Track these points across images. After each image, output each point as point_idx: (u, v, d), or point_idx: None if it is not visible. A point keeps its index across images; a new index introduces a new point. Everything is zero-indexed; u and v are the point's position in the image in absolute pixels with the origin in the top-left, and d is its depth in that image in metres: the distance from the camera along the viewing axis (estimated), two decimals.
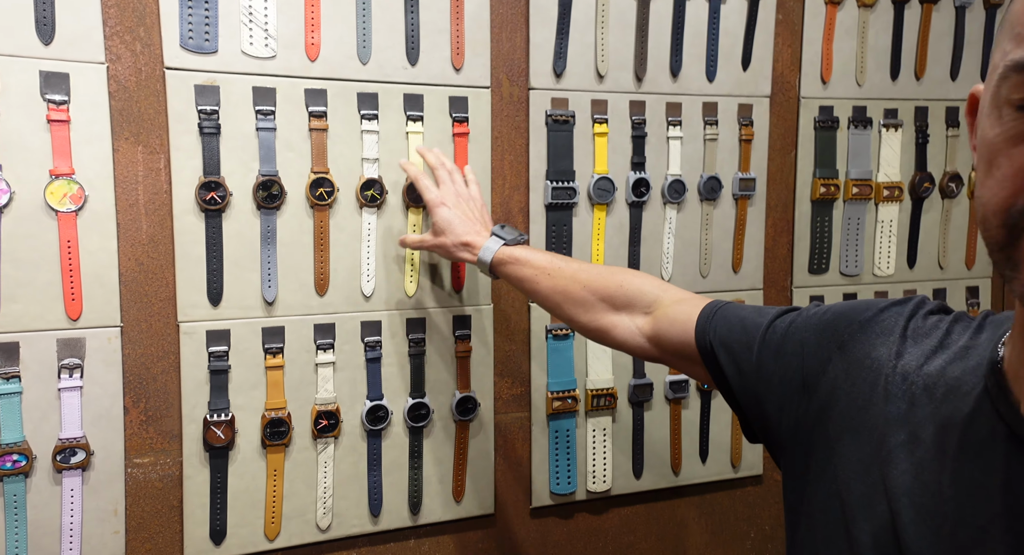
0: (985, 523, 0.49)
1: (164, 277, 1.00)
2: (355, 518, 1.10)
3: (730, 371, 0.73)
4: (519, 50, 1.15)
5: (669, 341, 0.82)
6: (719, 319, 0.77)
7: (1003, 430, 0.49)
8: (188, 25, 0.98)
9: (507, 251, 0.99)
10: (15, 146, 0.91)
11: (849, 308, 0.67)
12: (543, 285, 0.96)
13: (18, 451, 0.91)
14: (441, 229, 1.02)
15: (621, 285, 0.90)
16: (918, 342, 0.59)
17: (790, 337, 0.68)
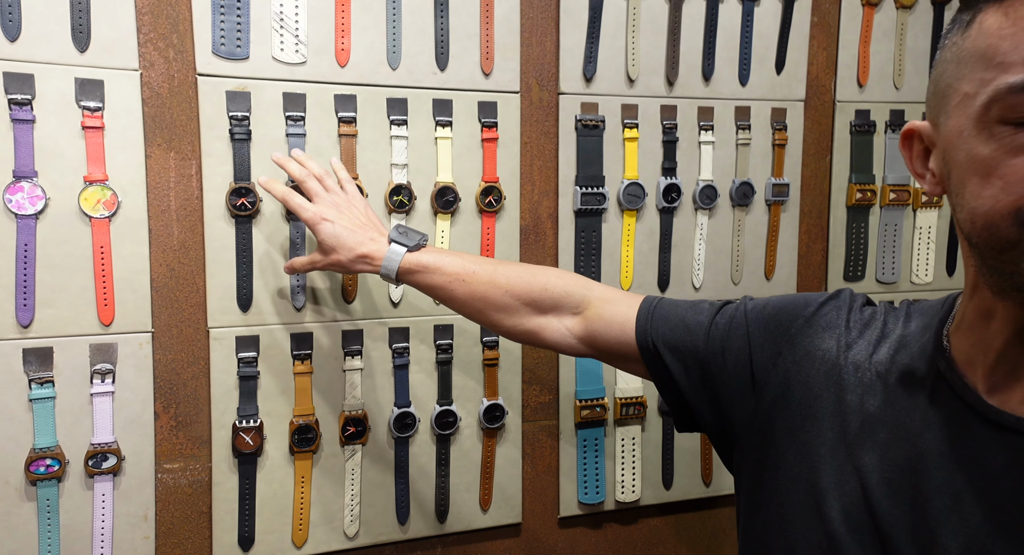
0: (957, 492, 0.54)
1: (195, 283, 1.00)
2: (382, 526, 1.09)
3: (676, 371, 0.76)
4: (549, 55, 1.14)
5: (605, 342, 0.83)
6: (658, 319, 0.79)
7: (962, 408, 0.56)
8: (220, 31, 0.98)
9: (412, 258, 0.91)
10: (50, 153, 0.91)
11: (789, 303, 0.72)
12: (459, 292, 0.90)
13: (51, 456, 0.92)
14: (331, 246, 0.91)
15: (545, 288, 0.88)
16: (863, 333, 0.65)
17: (733, 332, 0.73)
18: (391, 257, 0.90)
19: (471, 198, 1.12)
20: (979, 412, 0.55)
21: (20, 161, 0.90)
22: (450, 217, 1.11)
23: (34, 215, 0.91)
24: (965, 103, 0.52)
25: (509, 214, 1.14)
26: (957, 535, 0.53)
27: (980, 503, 0.53)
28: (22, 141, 0.90)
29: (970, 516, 0.53)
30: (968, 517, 0.53)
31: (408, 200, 1.08)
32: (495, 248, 1.13)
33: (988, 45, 0.50)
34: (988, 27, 0.50)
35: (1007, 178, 0.49)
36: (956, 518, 0.54)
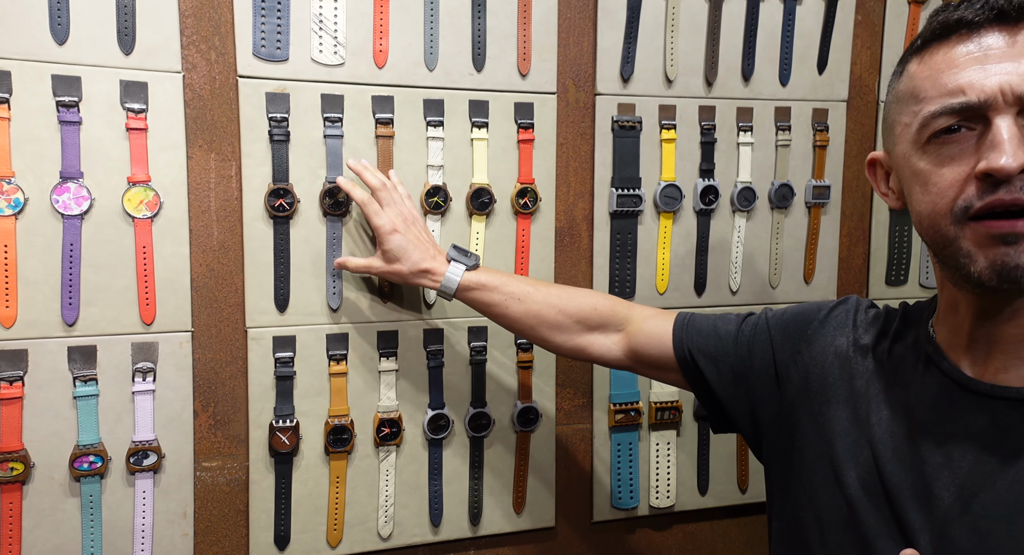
0: (948, 452, 0.65)
1: (233, 283, 1.01)
2: (416, 527, 1.09)
3: (711, 374, 0.86)
4: (586, 55, 1.13)
5: (647, 353, 0.92)
6: (692, 330, 0.89)
7: (948, 383, 0.67)
8: (261, 33, 0.99)
9: (472, 277, 0.98)
10: (96, 154, 0.93)
11: (804, 310, 0.84)
12: (514, 310, 0.97)
13: (94, 452, 0.93)
14: (396, 256, 0.97)
15: (595, 307, 0.97)
16: (868, 330, 0.77)
17: (758, 338, 0.84)
18: (451, 275, 0.97)
19: (506, 199, 1.11)
20: (962, 385, 0.66)
21: (67, 162, 0.91)
22: (485, 218, 1.10)
23: (80, 215, 0.92)
24: (905, 131, 0.66)
25: (544, 216, 1.13)
26: (949, 486, 0.64)
27: (966, 458, 0.64)
28: (69, 142, 0.91)
29: (958, 470, 0.64)
30: (957, 471, 0.64)
31: (444, 201, 1.08)
32: (530, 250, 1.13)
33: (915, 86, 0.65)
34: (913, 72, 0.66)
35: (939, 185, 0.62)
36: (947, 473, 0.64)
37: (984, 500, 0.62)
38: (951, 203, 0.61)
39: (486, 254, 1.11)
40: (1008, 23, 0.61)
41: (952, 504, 0.63)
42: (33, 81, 0.89)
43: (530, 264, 1.13)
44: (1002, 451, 0.62)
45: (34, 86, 0.89)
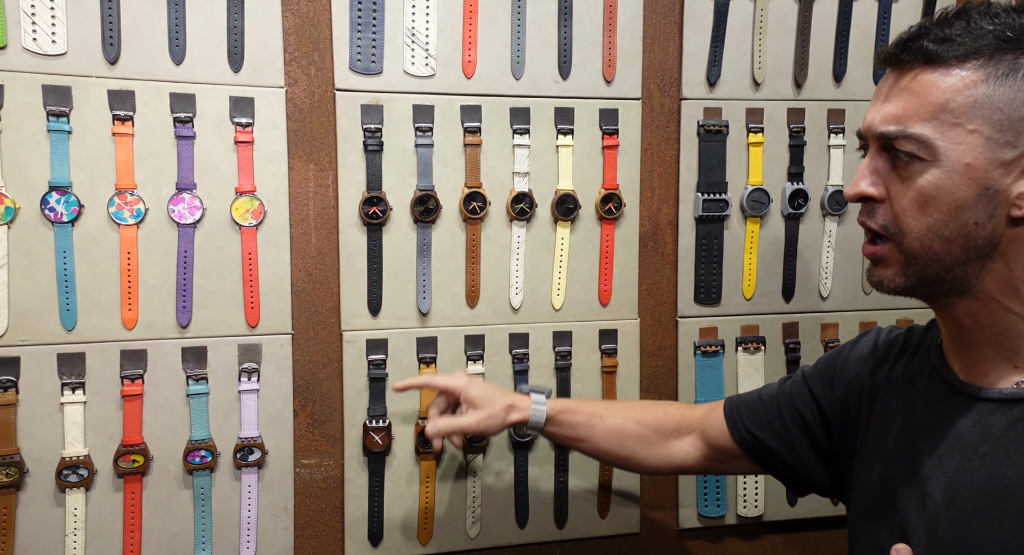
0: (941, 452, 0.68)
1: (330, 288, 1.05)
2: (502, 528, 1.11)
3: (771, 442, 0.88)
4: (671, 60, 1.13)
5: (719, 446, 0.92)
6: (741, 408, 0.92)
7: (946, 387, 0.70)
8: (357, 48, 1.03)
9: (555, 404, 0.97)
10: (208, 166, 0.99)
11: (832, 354, 0.88)
12: (599, 428, 0.96)
13: (205, 447, 0.99)
14: (483, 403, 0.95)
15: (667, 412, 0.98)
16: (889, 352, 0.81)
17: (797, 392, 0.88)
18: (538, 404, 0.96)
19: (591, 205, 1.12)
20: (955, 388, 0.69)
21: (182, 174, 0.97)
22: (570, 224, 1.12)
23: (193, 224, 0.98)
24: None
25: (628, 221, 1.13)
26: (940, 485, 0.67)
27: (953, 457, 0.66)
28: (184, 156, 0.97)
29: (947, 468, 0.67)
30: (946, 469, 0.67)
31: (529, 208, 1.09)
32: (614, 255, 1.13)
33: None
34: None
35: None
36: (939, 472, 0.67)
37: (964, 495, 0.65)
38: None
39: (571, 260, 1.12)
40: (897, 67, 0.65)
41: (940, 501, 0.66)
42: (153, 99, 0.95)
43: (614, 269, 1.13)
44: (983, 449, 0.65)
45: (154, 104, 0.95)
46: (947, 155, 0.61)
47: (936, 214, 0.62)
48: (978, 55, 0.61)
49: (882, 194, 0.65)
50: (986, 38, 0.61)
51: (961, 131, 0.61)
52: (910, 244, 0.64)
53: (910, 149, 0.62)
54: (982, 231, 0.62)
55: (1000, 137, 0.60)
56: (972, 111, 0.61)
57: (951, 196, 0.62)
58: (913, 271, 0.65)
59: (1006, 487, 0.62)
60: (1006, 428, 0.64)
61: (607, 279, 1.14)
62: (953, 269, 0.64)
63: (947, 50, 0.62)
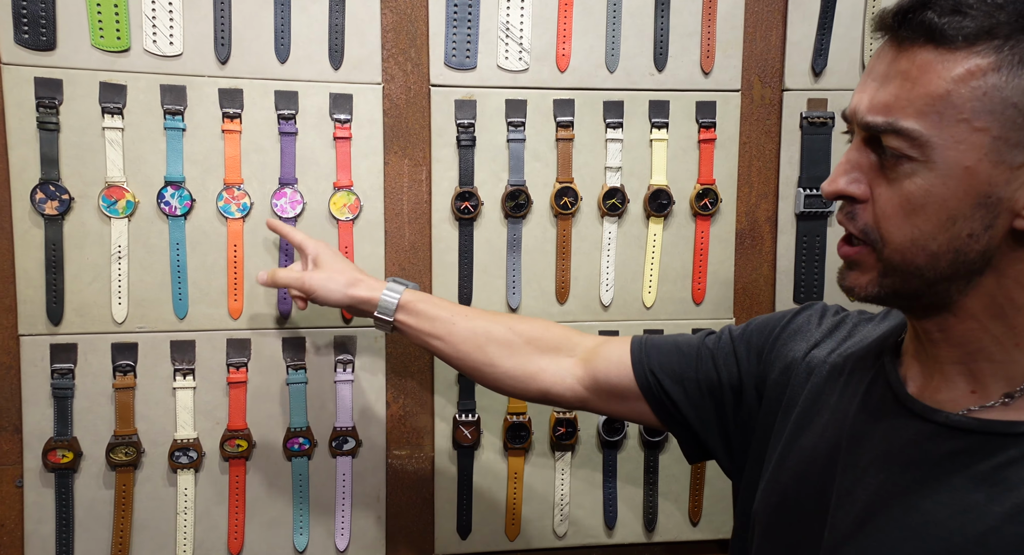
0: (866, 465, 0.61)
1: (422, 282, 1.06)
2: (590, 528, 1.10)
3: (676, 394, 0.79)
4: (774, 50, 1.08)
5: (607, 380, 0.83)
6: (651, 348, 0.82)
7: (888, 395, 0.63)
8: (452, 44, 1.03)
9: (415, 293, 0.90)
10: (308, 162, 1.01)
11: (768, 319, 0.80)
12: (460, 326, 0.87)
13: (303, 435, 1.02)
14: (333, 268, 0.89)
15: (547, 328, 0.89)
16: (831, 334, 0.73)
17: (721, 351, 0.79)
18: (393, 287, 0.89)
19: (685, 201, 1.09)
20: (899, 399, 0.62)
21: (285, 170, 1.00)
22: (663, 220, 1.09)
23: (294, 218, 1.01)
24: None
25: (724, 217, 1.10)
26: (856, 501, 0.60)
27: (878, 475, 0.60)
28: (287, 151, 1.00)
29: (870, 484, 0.60)
30: (867, 486, 0.60)
31: (621, 203, 1.07)
32: (708, 253, 1.09)
33: None
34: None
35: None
36: (859, 488, 0.61)
37: (879, 522, 0.58)
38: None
39: (663, 257, 1.09)
40: (895, 41, 0.55)
41: (851, 522, 0.60)
42: (260, 97, 0.99)
43: (708, 267, 1.10)
44: (911, 474, 0.58)
45: (260, 101, 0.99)
46: (943, 156, 0.52)
47: (924, 224, 0.54)
48: (992, 36, 0.50)
49: (864, 194, 0.56)
50: (1003, 15, 0.50)
51: (965, 128, 0.51)
52: (890, 255, 0.56)
53: (898, 146, 0.53)
54: (976, 244, 0.54)
55: (1012, 137, 0.51)
56: (979, 105, 0.51)
57: (943, 205, 0.53)
58: (890, 282, 0.57)
59: (925, 524, 0.55)
60: (942, 458, 0.57)
61: (701, 277, 1.10)
62: (936, 285, 0.56)
63: (955, 26, 0.51)
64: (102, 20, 0.93)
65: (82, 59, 0.93)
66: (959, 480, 0.55)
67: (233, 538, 1.01)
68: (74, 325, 0.95)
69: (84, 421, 0.96)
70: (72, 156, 0.94)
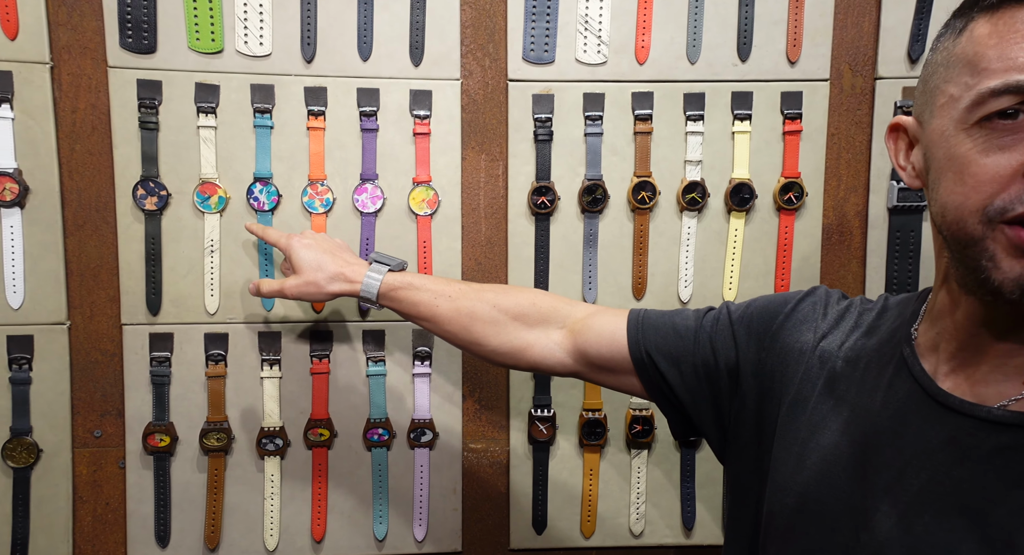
0: (902, 465, 0.58)
1: (498, 276, 1.07)
2: (667, 528, 1.08)
3: (672, 376, 0.77)
4: (866, 36, 1.03)
5: (597, 353, 0.81)
6: (648, 328, 0.79)
7: (917, 390, 0.60)
8: (531, 38, 1.03)
9: (396, 277, 0.89)
10: (389, 157, 1.03)
11: (769, 303, 0.76)
12: (443, 309, 0.86)
13: (383, 426, 1.04)
14: (308, 268, 0.89)
15: (533, 302, 0.86)
16: (838, 324, 0.70)
17: (719, 334, 0.76)
18: (372, 274, 0.88)
19: (768, 195, 1.05)
20: (930, 394, 0.59)
21: (366, 165, 1.02)
22: (744, 215, 1.06)
23: (374, 213, 1.03)
24: (950, 104, 0.56)
25: (810, 212, 1.06)
26: (897, 503, 0.57)
27: (919, 475, 0.57)
28: (368, 147, 1.02)
29: (909, 487, 0.57)
30: (907, 488, 0.57)
31: (701, 198, 1.05)
32: (792, 249, 1.06)
33: (976, 52, 0.54)
34: (978, 36, 0.54)
35: (978, 177, 0.53)
36: (898, 488, 0.58)
37: (929, 524, 0.56)
38: (987, 200, 0.52)
39: (745, 252, 1.06)
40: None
41: (895, 525, 0.57)
42: (343, 94, 1.01)
43: (792, 263, 1.06)
44: (958, 473, 0.56)
45: (343, 99, 1.01)
46: None
47: None
48: None
49: None
50: None
51: None
52: None
53: None
54: None
55: None
56: None
57: None
58: None
59: (981, 524, 0.52)
60: (991, 454, 0.54)
61: (784, 273, 1.07)
62: None
63: None
64: (198, 23, 0.97)
65: (179, 61, 0.97)
66: (1013, 476, 0.53)
67: (316, 524, 1.04)
68: (171, 315, 1.00)
69: (179, 407, 1.01)
70: (170, 154, 0.98)
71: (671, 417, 0.80)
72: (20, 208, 0.96)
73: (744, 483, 0.72)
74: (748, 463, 0.71)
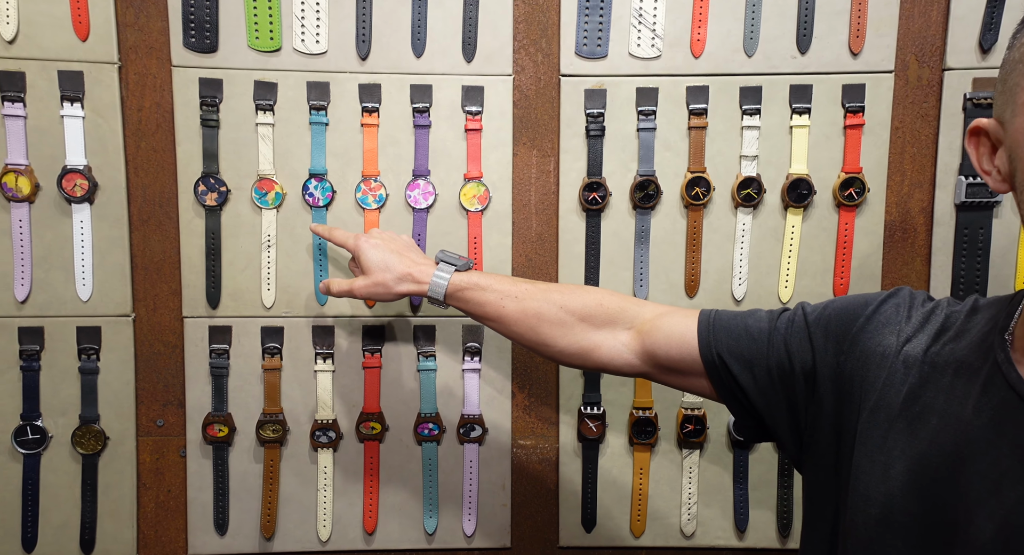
0: (998, 476, 0.56)
1: (548, 273, 1.06)
2: (719, 530, 1.06)
3: (745, 380, 0.74)
4: (934, 26, 1.00)
5: (666, 355, 0.80)
6: (720, 330, 0.77)
7: (1013, 397, 0.57)
8: (584, 32, 1.02)
9: (463, 277, 0.88)
10: (440, 153, 1.04)
11: (849, 304, 0.72)
12: (510, 309, 0.86)
13: (433, 421, 1.05)
14: (376, 268, 0.90)
15: (600, 303, 0.85)
16: (923, 327, 0.67)
17: (795, 336, 0.73)
18: (440, 274, 0.89)
19: (828, 191, 1.03)
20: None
21: (418, 162, 1.03)
22: (802, 212, 1.03)
23: (426, 209, 1.04)
24: None
25: (872, 208, 1.02)
26: (993, 516, 0.55)
27: (1016, 487, 0.55)
28: (421, 144, 1.03)
29: (1006, 499, 0.55)
30: (1004, 500, 0.55)
31: (757, 193, 1.02)
32: (852, 246, 1.03)
33: None
34: None
35: None
36: (994, 501, 0.56)
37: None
38: None
39: (802, 250, 1.03)
40: None
41: (992, 539, 0.55)
42: (396, 91, 1.02)
43: (852, 261, 1.03)
44: None
45: (397, 95, 1.02)
46: None
47: None
48: None
49: None
50: None
51: None
52: None
53: None
54: None
55: None
56: None
57: None
58: None
59: None
60: None
61: (844, 272, 1.04)
62: None
63: None
64: (258, 22, 0.99)
65: (239, 59, 0.99)
66: None
67: (368, 516, 1.05)
68: (229, 309, 1.02)
69: (237, 399, 1.03)
70: (229, 151, 1.00)
71: (743, 421, 0.78)
72: (90, 204, 0.99)
73: (821, 490, 0.70)
74: (825, 470, 0.70)
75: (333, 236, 0.95)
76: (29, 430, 1.00)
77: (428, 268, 0.90)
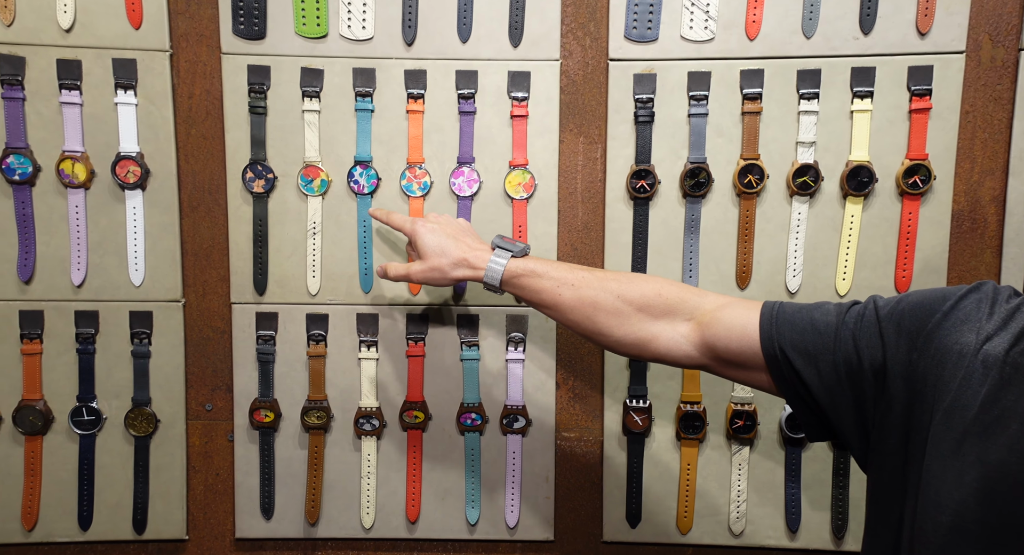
0: None
1: (594, 263, 1.04)
2: (770, 529, 1.03)
3: (809, 376, 0.71)
4: (1010, 3, 0.94)
5: (726, 348, 0.77)
6: (784, 323, 0.74)
7: None
8: (633, 15, 0.99)
9: (519, 263, 0.86)
10: (485, 140, 1.02)
11: (925, 299, 0.68)
12: (566, 297, 0.83)
13: (476, 411, 1.04)
14: (432, 253, 0.89)
15: (659, 293, 0.82)
16: (1006, 325, 0.62)
17: (864, 331, 0.69)
18: (496, 260, 0.87)
19: (890, 179, 0.98)
20: None
21: (463, 148, 1.02)
22: (862, 200, 0.98)
23: (470, 196, 1.02)
24: None
25: (938, 197, 0.97)
26: None
27: None
28: (465, 130, 1.02)
29: None
30: None
31: (814, 181, 0.98)
32: (916, 236, 0.98)
33: None
34: None
35: None
36: None
37: None
38: None
39: (862, 240, 0.99)
40: None
41: None
42: (442, 77, 1.01)
43: (916, 253, 0.98)
44: None
45: (442, 81, 1.01)
46: None
47: None
48: None
49: None
50: None
51: None
52: None
53: None
54: None
55: None
56: None
57: None
58: None
59: None
60: None
61: (907, 263, 0.99)
62: None
63: None
64: (304, 8, 0.98)
65: (287, 46, 0.99)
66: None
67: (411, 505, 1.05)
68: (275, 295, 1.03)
69: (283, 385, 1.04)
70: (276, 138, 1.01)
71: (805, 419, 0.74)
72: (142, 190, 1.01)
73: (887, 493, 0.67)
74: (892, 472, 0.66)
75: (391, 220, 0.95)
76: (85, 411, 1.03)
77: (484, 254, 0.89)
